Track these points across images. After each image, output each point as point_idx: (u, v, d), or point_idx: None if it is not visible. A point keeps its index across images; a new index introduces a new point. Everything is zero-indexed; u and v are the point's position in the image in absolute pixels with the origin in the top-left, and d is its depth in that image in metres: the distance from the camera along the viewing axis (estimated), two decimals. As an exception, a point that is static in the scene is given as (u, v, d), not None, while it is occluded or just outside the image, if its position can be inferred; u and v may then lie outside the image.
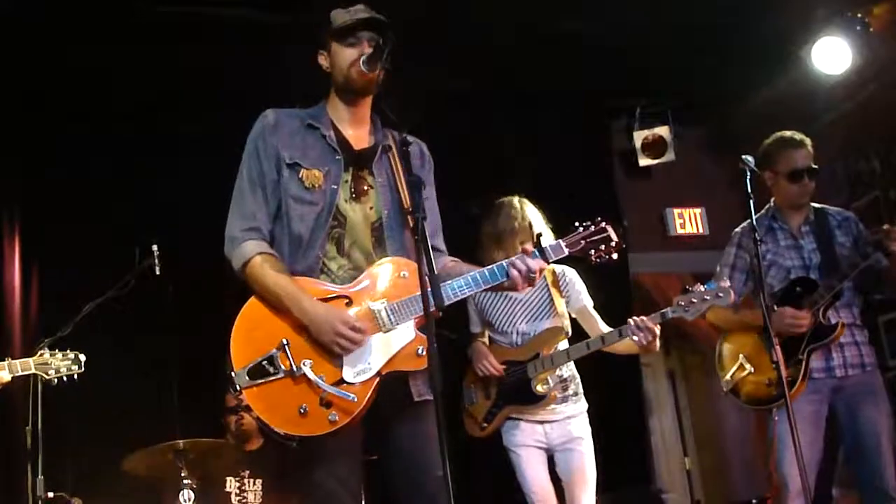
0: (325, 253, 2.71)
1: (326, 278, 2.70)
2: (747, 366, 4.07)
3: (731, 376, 4.12)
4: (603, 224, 2.83)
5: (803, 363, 3.91)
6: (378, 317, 2.63)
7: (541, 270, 2.72)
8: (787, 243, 4.12)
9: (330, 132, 2.81)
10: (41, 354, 3.74)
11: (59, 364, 3.75)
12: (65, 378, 3.76)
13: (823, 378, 3.94)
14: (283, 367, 2.55)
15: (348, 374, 2.57)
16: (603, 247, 2.80)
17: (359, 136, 2.86)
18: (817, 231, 4.11)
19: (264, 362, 2.55)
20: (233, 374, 2.54)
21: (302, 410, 2.52)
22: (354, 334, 2.55)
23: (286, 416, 2.52)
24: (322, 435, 2.52)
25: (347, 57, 2.78)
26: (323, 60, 2.87)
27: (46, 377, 3.74)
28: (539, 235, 3.87)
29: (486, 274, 2.70)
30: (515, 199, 4.24)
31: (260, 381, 2.54)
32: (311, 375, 2.53)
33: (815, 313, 3.92)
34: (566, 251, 2.79)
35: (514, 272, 2.67)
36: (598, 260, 2.82)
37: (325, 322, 2.56)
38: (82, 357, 3.80)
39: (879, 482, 3.81)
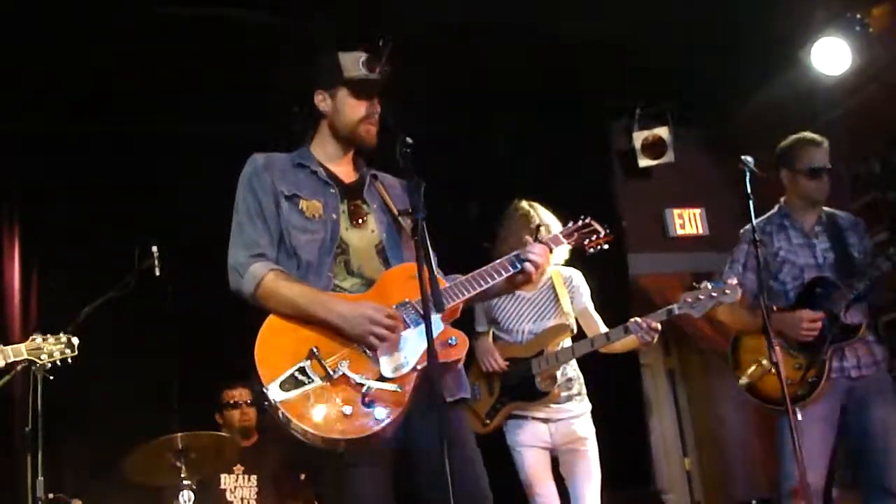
0: (334, 275, 2.70)
1: None
2: (767, 366, 4.04)
3: (749, 375, 4.10)
4: (588, 220, 3.14)
5: (826, 363, 3.91)
6: (404, 315, 2.63)
7: (547, 257, 2.87)
8: (800, 241, 4.12)
9: (319, 169, 2.83)
10: (33, 339, 3.63)
11: (51, 348, 3.64)
12: (58, 362, 3.64)
13: (837, 378, 3.93)
14: (317, 374, 2.50)
15: (386, 369, 2.55)
16: (594, 237, 3.12)
17: (346, 171, 2.89)
18: (830, 231, 4.11)
19: (296, 373, 2.50)
20: (264, 390, 2.47)
21: (347, 412, 2.47)
22: (390, 321, 2.55)
23: (331, 421, 2.46)
24: (368, 436, 2.47)
25: (359, 111, 2.80)
26: (321, 101, 2.83)
27: (40, 362, 3.62)
28: (538, 228, 3.98)
29: (499, 268, 2.78)
30: (525, 204, 4.24)
31: (295, 391, 2.47)
32: (351, 375, 2.51)
33: (837, 313, 3.92)
34: (564, 241, 3.04)
35: (527, 264, 2.78)
36: (591, 250, 3.13)
37: (359, 315, 2.54)
38: (75, 340, 3.70)
39: (885, 481, 3.78)
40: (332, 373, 2.50)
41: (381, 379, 2.54)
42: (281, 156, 2.85)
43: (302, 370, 2.51)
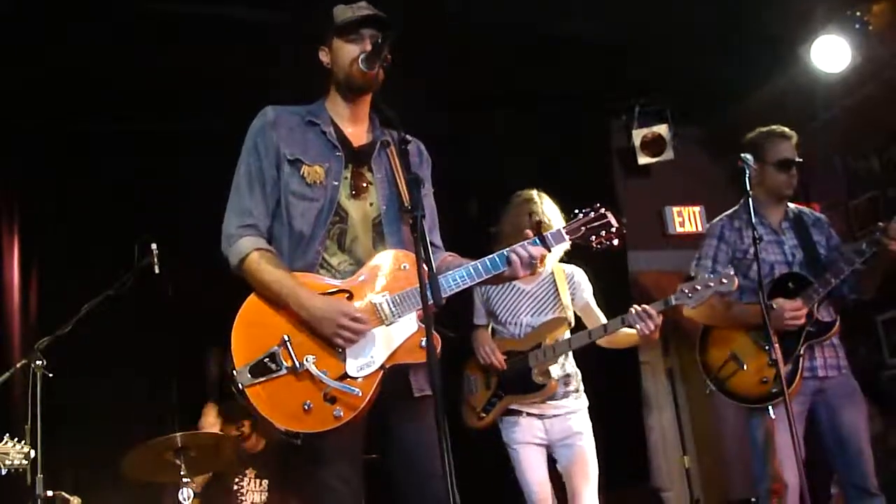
0: (325, 248, 2.71)
1: (327, 274, 2.70)
2: (739, 362, 4.04)
3: (720, 373, 4.09)
4: (602, 210, 2.84)
5: (801, 360, 3.91)
6: (380, 309, 2.63)
7: (542, 257, 2.73)
8: (769, 238, 4.11)
9: (329, 128, 2.82)
10: (5, 443, 3.66)
11: (14, 455, 3.68)
12: (12, 471, 3.67)
13: (808, 378, 3.95)
14: (285, 363, 2.54)
15: (352, 368, 2.57)
16: (603, 233, 2.81)
17: (357, 133, 2.87)
18: (797, 228, 4.13)
19: (266, 359, 2.54)
20: (234, 372, 2.52)
21: (306, 407, 2.51)
22: (356, 325, 2.55)
23: (290, 413, 2.51)
24: (326, 431, 2.51)
25: (348, 53, 2.79)
26: (324, 57, 2.88)
27: (3, 466, 3.66)
28: (539, 223, 3.88)
29: (487, 263, 2.71)
30: (534, 193, 4.22)
31: (262, 378, 2.52)
32: (314, 371, 2.52)
33: (811, 309, 3.93)
34: (567, 238, 2.81)
35: (515, 259, 2.69)
36: (598, 246, 2.82)
37: (325, 315, 2.55)
38: (32, 453, 3.74)
39: (862, 481, 3.83)
40: (297, 365, 2.53)
41: (343, 378, 2.55)
42: (292, 110, 2.85)
43: (272, 357, 2.55)
